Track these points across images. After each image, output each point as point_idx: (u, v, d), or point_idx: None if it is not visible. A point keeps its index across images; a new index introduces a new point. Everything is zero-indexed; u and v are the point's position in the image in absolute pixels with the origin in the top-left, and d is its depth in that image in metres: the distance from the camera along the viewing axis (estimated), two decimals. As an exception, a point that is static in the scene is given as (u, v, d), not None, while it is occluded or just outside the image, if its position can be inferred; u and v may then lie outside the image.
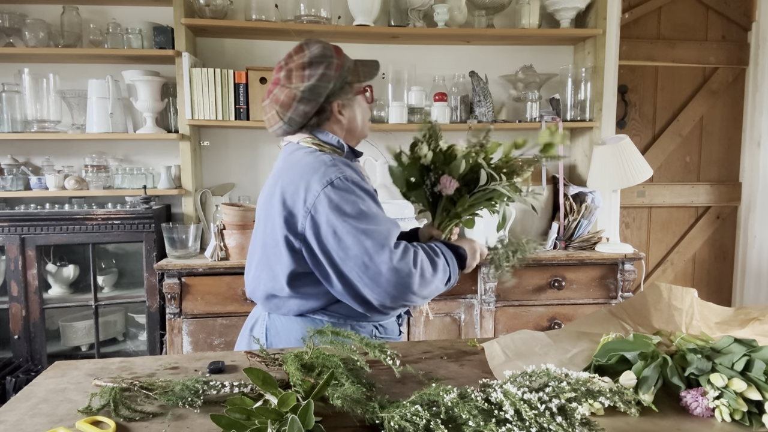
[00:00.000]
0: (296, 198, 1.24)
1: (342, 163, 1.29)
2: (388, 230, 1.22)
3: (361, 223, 1.20)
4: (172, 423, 0.87)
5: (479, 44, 2.89)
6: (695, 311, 1.16)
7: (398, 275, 1.18)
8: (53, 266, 2.52)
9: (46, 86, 2.53)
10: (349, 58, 1.40)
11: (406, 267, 1.19)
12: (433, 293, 1.28)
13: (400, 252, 1.20)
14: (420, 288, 1.21)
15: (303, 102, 1.31)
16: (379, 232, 1.20)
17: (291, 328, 1.33)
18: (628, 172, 2.46)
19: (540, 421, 0.74)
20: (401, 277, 1.18)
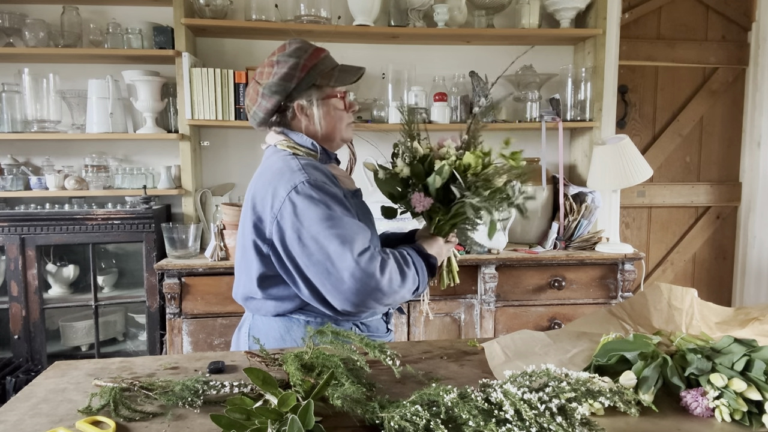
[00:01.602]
0: (264, 204, 1.26)
1: (311, 166, 1.28)
2: (353, 236, 1.18)
3: (324, 228, 1.19)
4: (172, 423, 0.87)
5: (479, 44, 2.89)
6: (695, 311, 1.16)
7: (361, 283, 1.16)
8: (53, 266, 2.52)
9: (46, 86, 2.53)
10: (327, 62, 1.37)
11: (371, 275, 1.16)
12: (398, 302, 1.27)
13: (365, 259, 1.17)
14: (384, 297, 1.19)
15: (264, 98, 1.33)
16: (343, 238, 1.18)
17: (271, 328, 1.35)
18: (628, 172, 2.46)
19: (540, 421, 0.74)
20: (364, 285, 1.16)
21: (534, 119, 2.77)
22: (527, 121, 2.77)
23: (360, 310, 1.25)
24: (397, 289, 1.20)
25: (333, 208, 1.21)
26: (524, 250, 2.51)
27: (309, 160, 1.31)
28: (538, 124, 2.72)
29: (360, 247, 1.18)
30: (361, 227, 1.23)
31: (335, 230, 1.18)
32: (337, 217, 1.20)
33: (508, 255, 2.42)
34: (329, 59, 1.38)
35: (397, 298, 1.23)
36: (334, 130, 1.39)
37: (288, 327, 1.34)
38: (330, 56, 1.39)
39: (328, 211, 1.20)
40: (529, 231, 2.70)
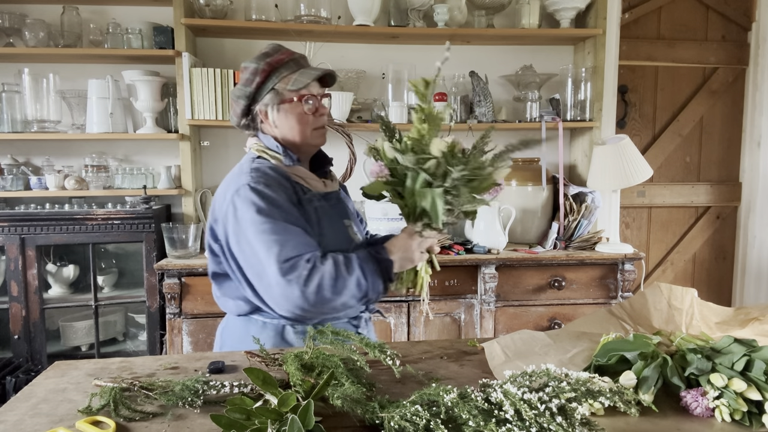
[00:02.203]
0: (217, 206, 1.32)
1: (261, 169, 1.30)
2: (282, 242, 1.19)
3: (257, 233, 1.21)
4: (172, 423, 0.87)
5: (479, 44, 2.89)
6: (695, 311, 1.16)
7: (286, 289, 1.17)
8: (53, 266, 2.52)
9: (46, 86, 2.53)
10: (290, 65, 1.35)
11: (291, 284, 1.16)
12: (339, 309, 1.25)
13: (287, 267, 1.17)
14: (313, 306, 1.18)
15: (234, 102, 1.38)
16: (271, 244, 1.19)
17: (236, 327, 1.38)
18: (628, 172, 2.46)
19: (540, 421, 0.74)
20: (287, 293, 1.17)
21: (534, 119, 2.77)
22: (527, 121, 2.77)
23: (298, 316, 1.25)
24: (328, 297, 1.18)
25: (269, 213, 1.22)
26: (524, 250, 2.51)
27: (266, 163, 1.33)
28: (538, 124, 2.72)
29: (286, 254, 1.18)
30: (295, 233, 1.22)
31: (266, 235, 1.20)
32: (270, 222, 1.21)
33: (508, 255, 2.42)
34: (295, 63, 1.36)
35: (335, 305, 1.20)
36: (297, 134, 1.37)
37: (247, 327, 1.36)
38: (298, 60, 1.37)
39: (262, 215, 1.21)
40: (529, 231, 2.70)
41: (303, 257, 1.18)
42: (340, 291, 1.19)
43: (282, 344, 1.32)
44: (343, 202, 1.46)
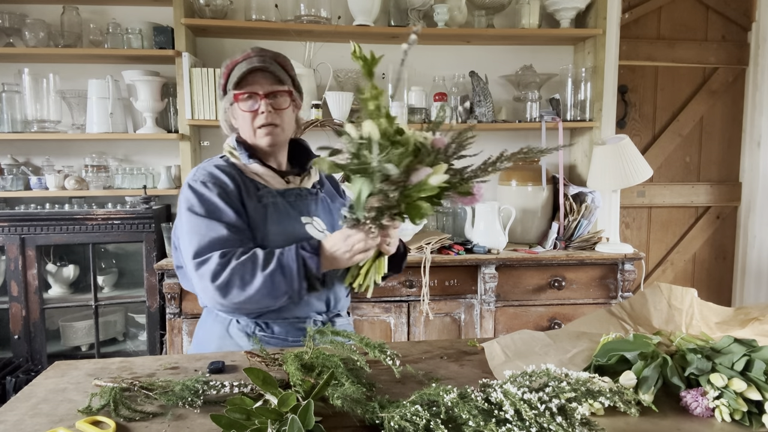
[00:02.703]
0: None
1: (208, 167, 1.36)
2: (200, 238, 1.25)
3: (185, 229, 1.29)
4: (172, 423, 0.87)
5: (479, 44, 2.89)
6: (695, 311, 1.16)
7: (199, 284, 1.24)
8: (53, 266, 2.52)
9: (46, 86, 2.53)
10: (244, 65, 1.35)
11: (205, 278, 1.22)
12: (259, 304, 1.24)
13: (200, 261, 1.23)
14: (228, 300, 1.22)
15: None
16: (191, 239, 1.26)
17: (202, 317, 1.46)
18: (628, 172, 2.46)
19: (540, 421, 0.74)
20: (202, 287, 1.24)
21: (534, 119, 2.77)
22: (527, 121, 2.77)
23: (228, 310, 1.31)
24: (236, 293, 1.21)
25: (197, 210, 1.28)
26: (524, 250, 2.51)
27: (220, 162, 1.39)
28: (538, 124, 2.72)
29: (201, 250, 1.24)
30: (218, 230, 1.26)
31: (190, 232, 1.27)
32: (195, 219, 1.28)
33: (508, 255, 2.42)
34: (247, 62, 1.35)
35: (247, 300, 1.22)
36: (245, 133, 1.40)
37: (206, 318, 1.43)
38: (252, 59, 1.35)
39: (191, 212, 1.29)
40: (529, 231, 2.70)
41: (216, 254, 1.23)
42: (248, 286, 1.21)
43: (226, 338, 1.36)
44: (307, 200, 1.42)
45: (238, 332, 1.35)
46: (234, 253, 1.23)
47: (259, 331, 1.36)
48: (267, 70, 1.36)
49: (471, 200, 1.12)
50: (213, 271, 1.21)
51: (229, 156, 1.41)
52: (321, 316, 1.42)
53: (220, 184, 1.32)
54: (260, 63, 1.35)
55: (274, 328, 1.36)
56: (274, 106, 1.37)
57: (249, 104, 1.37)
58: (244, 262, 1.22)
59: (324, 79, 2.75)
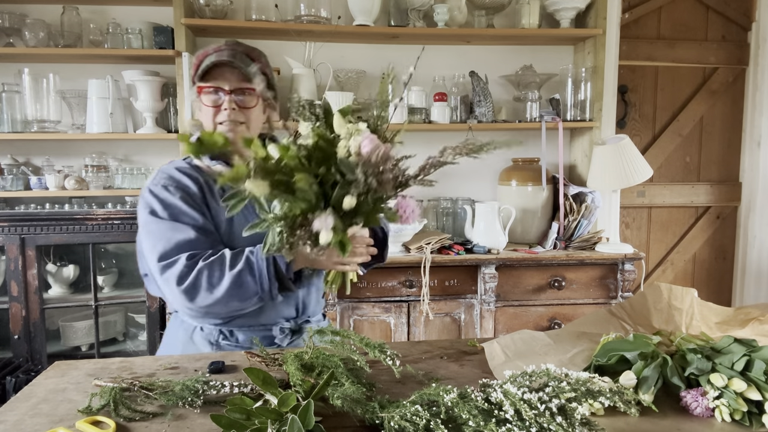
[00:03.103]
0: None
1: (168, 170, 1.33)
2: (163, 242, 1.20)
3: (147, 233, 1.25)
4: (172, 423, 0.87)
5: (479, 44, 2.89)
6: (695, 311, 1.16)
7: (167, 289, 1.20)
8: (53, 266, 2.52)
9: (46, 86, 2.53)
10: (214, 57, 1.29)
11: (171, 282, 1.17)
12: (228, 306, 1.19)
13: (165, 265, 1.18)
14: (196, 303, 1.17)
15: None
16: (154, 244, 1.21)
17: (171, 324, 1.42)
18: (628, 172, 2.46)
19: (540, 421, 0.74)
20: (170, 291, 1.19)
21: (534, 119, 2.77)
22: (527, 121, 2.77)
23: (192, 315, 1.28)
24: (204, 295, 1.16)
25: (159, 214, 1.24)
26: (524, 250, 2.51)
27: (182, 163, 1.36)
28: (538, 124, 2.72)
29: (166, 254, 1.19)
30: (183, 232, 1.21)
31: (152, 236, 1.23)
32: (157, 223, 1.23)
33: (508, 255, 2.42)
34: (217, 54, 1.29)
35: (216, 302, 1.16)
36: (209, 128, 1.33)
37: (172, 323, 1.40)
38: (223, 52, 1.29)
39: (153, 216, 1.24)
40: (529, 231, 2.70)
41: (183, 256, 1.18)
42: (215, 288, 1.16)
43: (190, 344, 1.33)
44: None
45: (202, 340, 1.32)
46: (202, 255, 1.19)
47: (222, 340, 1.31)
48: (234, 65, 1.28)
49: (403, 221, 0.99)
50: (179, 274, 1.16)
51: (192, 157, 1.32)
52: (289, 322, 1.37)
53: (182, 187, 1.28)
54: (229, 57, 1.28)
55: (238, 336, 1.32)
56: (239, 103, 1.31)
57: (213, 98, 1.31)
58: (212, 262, 1.17)
59: (324, 79, 2.75)
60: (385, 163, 0.89)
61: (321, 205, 0.90)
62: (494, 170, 2.94)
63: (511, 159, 2.84)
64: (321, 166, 0.89)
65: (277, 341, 1.35)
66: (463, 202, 2.79)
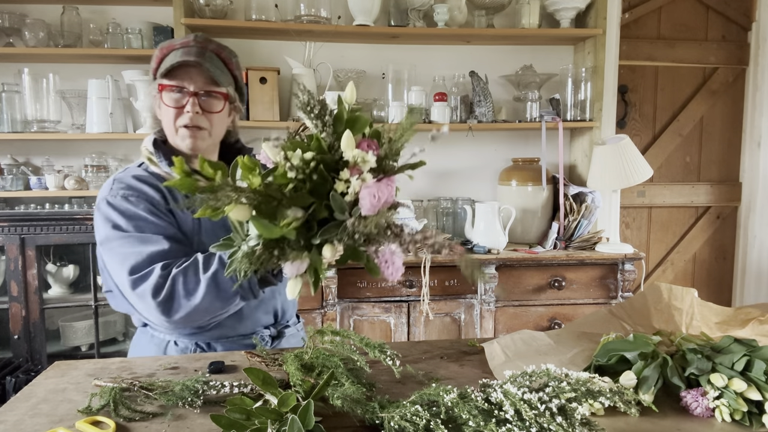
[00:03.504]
0: None
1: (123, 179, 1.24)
2: (130, 255, 1.12)
3: (113, 248, 1.16)
4: (172, 423, 0.87)
5: (479, 44, 2.89)
6: (695, 311, 1.16)
7: (142, 303, 1.12)
8: (53, 266, 2.52)
9: (46, 86, 2.53)
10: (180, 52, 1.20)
11: (147, 295, 1.09)
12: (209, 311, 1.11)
13: (138, 278, 1.10)
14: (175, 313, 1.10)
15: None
16: (122, 257, 1.13)
17: (136, 336, 1.35)
18: (628, 172, 2.46)
19: (540, 421, 0.74)
20: (145, 305, 1.11)
21: (534, 119, 2.77)
22: (527, 121, 2.77)
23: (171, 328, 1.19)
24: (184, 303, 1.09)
25: (124, 227, 1.16)
26: (524, 250, 2.51)
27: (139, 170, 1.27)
28: (538, 124, 2.72)
29: (137, 267, 1.11)
30: (153, 243, 1.14)
31: (120, 250, 1.14)
32: (124, 237, 1.15)
33: (508, 255, 2.42)
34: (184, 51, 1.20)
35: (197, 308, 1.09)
36: (167, 131, 1.25)
37: (140, 338, 1.32)
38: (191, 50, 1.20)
39: (117, 231, 1.16)
40: (529, 231, 2.70)
41: (157, 267, 1.10)
42: (193, 294, 1.08)
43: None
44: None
45: (176, 354, 1.25)
46: (175, 263, 1.11)
47: (200, 353, 1.24)
48: (202, 67, 1.19)
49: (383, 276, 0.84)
50: (154, 286, 1.08)
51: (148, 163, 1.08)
52: (269, 329, 1.32)
53: (144, 197, 1.20)
54: (196, 57, 1.18)
55: (216, 348, 1.26)
56: (203, 106, 1.21)
57: (175, 98, 1.21)
58: (186, 268, 1.10)
59: (324, 79, 2.75)
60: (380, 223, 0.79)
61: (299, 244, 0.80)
62: (494, 170, 2.94)
63: (511, 159, 2.84)
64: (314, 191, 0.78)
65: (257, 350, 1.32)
66: (463, 202, 2.79)
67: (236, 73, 1.29)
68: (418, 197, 2.86)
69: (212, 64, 1.21)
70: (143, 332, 1.32)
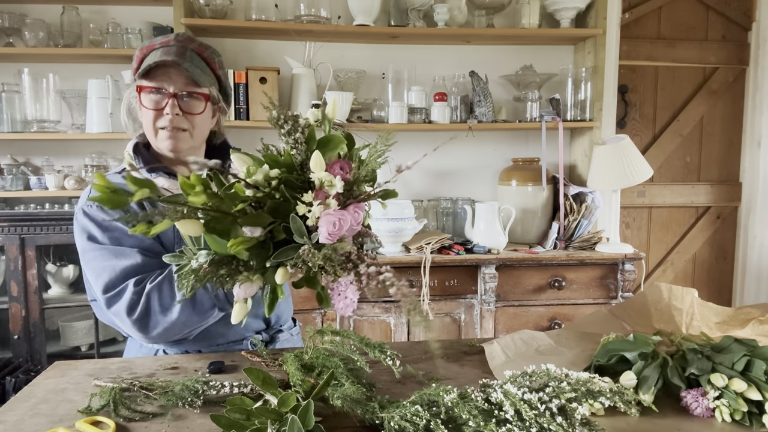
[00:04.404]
0: None
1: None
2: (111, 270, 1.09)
3: (89, 261, 1.13)
4: (172, 423, 0.87)
5: (479, 44, 2.89)
6: (695, 311, 1.16)
7: (117, 320, 1.10)
8: (53, 266, 2.52)
9: (46, 86, 2.53)
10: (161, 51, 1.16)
11: (122, 313, 1.07)
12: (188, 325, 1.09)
13: (113, 295, 1.08)
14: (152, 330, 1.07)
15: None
16: (98, 272, 1.10)
17: (128, 346, 1.35)
18: (628, 172, 2.46)
19: (540, 421, 0.74)
20: (122, 322, 1.09)
21: (534, 119, 2.77)
22: (527, 121, 2.77)
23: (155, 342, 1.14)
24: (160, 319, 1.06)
25: (99, 239, 1.12)
26: (524, 250, 2.51)
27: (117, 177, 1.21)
28: (538, 124, 2.72)
29: (111, 283, 1.09)
30: (128, 257, 1.10)
31: (95, 263, 1.12)
32: (99, 249, 1.12)
33: (508, 255, 2.42)
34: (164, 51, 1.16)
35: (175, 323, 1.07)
36: (147, 133, 1.21)
37: (130, 347, 1.32)
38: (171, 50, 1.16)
39: (92, 242, 1.13)
40: (529, 231, 2.70)
41: (130, 283, 1.08)
42: (168, 308, 1.06)
43: None
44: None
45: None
46: (148, 278, 1.09)
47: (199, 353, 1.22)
48: (182, 68, 1.15)
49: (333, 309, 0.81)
50: (128, 304, 1.06)
51: (129, 168, 1.19)
52: (261, 334, 1.30)
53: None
54: (176, 57, 1.14)
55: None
56: (184, 108, 1.18)
57: (154, 100, 1.17)
58: (160, 283, 1.07)
59: (324, 79, 2.75)
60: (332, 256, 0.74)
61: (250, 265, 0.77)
62: (494, 170, 2.94)
63: (511, 159, 2.84)
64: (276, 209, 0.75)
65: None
66: (463, 202, 2.79)
67: (219, 73, 1.25)
68: (418, 197, 2.86)
69: (192, 64, 1.17)
70: (133, 341, 1.31)
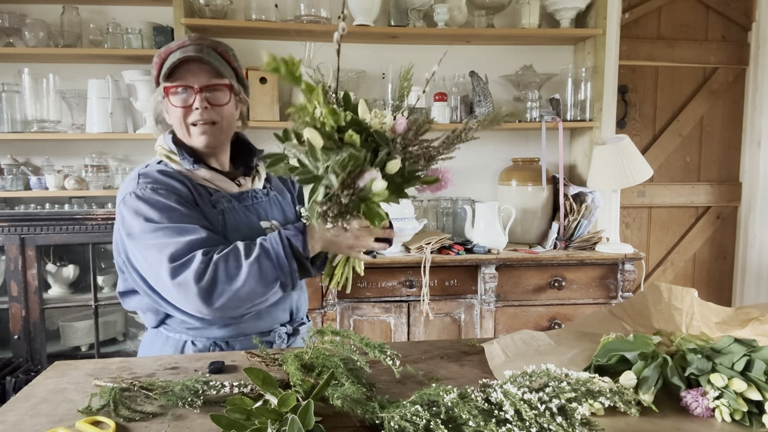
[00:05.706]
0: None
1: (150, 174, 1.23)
2: (175, 243, 1.11)
3: (148, 240, 1.14)
4: (172, 423, 0.87)
5: (479, 44, 2.89)
6: (695, 311, 1.16)
7: (181, 291, 1.10)
8: (53, 266, 2.52)
9: (46, 86, 2.53)
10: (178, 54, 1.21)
11: (190, 282, 1.08)
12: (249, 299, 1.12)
13: (179, 265, 1.09)
14: (216, 300, 1.09)
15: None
16: (160, 247, 1.12)
17: (147, 339, 1.34)
18: (628, 172, 2.46)
19: (540, 421, 0.74)
20: (185, 292, 1.09)
21: (534, 119, 2.77)
22: (527, 121, 2.77)
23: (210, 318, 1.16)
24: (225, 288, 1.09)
25: (158, 219, 1.15)
26: (524, 250, 2.51)
27: (160, 167, 1.25)
28: (538, 124, 2.72)
29: (178, 254, 1.10)
30: (191, 231, 1.14)
31: (157, 241, 1.13)
32: (159, 228, 1.14)
33: (508, 255, 2.42)
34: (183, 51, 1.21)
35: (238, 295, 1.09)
36: (179, 132, 1.27)
37: (153, 341, 1.32)
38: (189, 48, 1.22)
39: (151, 223, 1.15)
40: (529, 231, 2.70)
41: (198, 253, 1.10)
42: (234, 279, 1.09)
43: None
44: (262, 202, 1.34)
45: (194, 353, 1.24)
46: (215, 250, 1.12)
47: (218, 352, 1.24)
48: (203, 61, 1.20)
49: (438, 187, 1.05)
50: (197, 272, 1.08)
51: (167, 161, 1.26)
52: (285, 327, 1.33)
53: (173, 190, 1.19)
54: (195, 53, 1.20)
55: (235, 346, 1.26)
56: (210, 101, 1.23)
57: (182, 98, 1.22)
58: (227, 254, 1.11)
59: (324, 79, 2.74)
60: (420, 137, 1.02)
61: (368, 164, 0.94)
62: (494, 170, 2.94)
63: (511, 159, 2.84)
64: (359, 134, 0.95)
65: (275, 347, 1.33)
66: (463, 202, 2.79)
67: (235, 65, 1.31)
68: (418, 197, 2.86)
69: (212, 58, 1.23)
70: (156, 334, 1.31)
